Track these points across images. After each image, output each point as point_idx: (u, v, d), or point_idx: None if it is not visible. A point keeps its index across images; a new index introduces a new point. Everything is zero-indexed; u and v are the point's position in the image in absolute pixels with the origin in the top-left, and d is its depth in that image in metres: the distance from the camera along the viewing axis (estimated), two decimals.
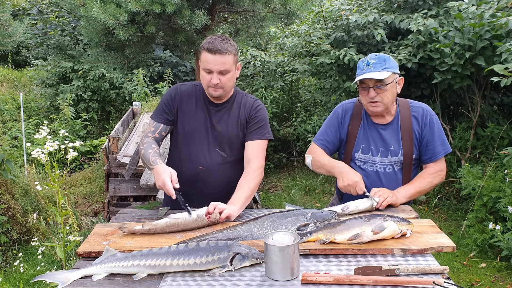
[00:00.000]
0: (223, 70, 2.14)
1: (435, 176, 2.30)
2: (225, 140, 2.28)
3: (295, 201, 5.42)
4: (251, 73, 6.87)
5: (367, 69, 2.19)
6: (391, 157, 2.29)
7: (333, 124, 2.41)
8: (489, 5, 4.12)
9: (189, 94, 2.31)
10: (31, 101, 8.87)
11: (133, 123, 6.45)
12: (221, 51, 2.10)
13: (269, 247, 1.55)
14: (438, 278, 1.52)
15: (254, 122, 2.28)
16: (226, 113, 2.29)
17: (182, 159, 2.32)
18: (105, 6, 4.09)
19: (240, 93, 2.35)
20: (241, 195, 2.10)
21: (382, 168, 2.31)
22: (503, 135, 4.52)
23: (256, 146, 2.25)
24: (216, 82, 2.14)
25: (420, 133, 2.28)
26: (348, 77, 5.37)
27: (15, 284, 3.50)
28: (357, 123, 2.35)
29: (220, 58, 2.11)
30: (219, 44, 2.11)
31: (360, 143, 2.34)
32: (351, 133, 2.35)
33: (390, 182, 2.29)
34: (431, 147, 2.28)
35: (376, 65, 2.17)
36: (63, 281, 1.58)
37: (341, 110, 2.40)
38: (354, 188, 2.17)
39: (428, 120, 2.28)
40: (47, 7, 10.56)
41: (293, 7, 4.64)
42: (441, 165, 2.32)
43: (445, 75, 4.46)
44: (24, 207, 4.17)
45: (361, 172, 2.32)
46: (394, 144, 2.29)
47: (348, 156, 2.38)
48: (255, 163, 2.21)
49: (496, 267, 3.74)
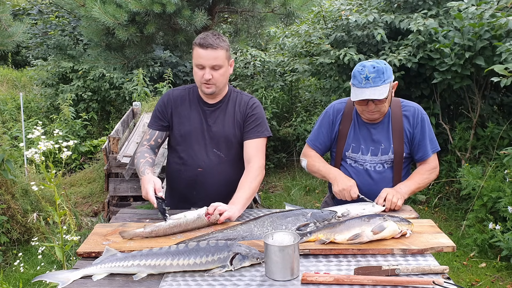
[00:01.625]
0: (216, 65, 2.13)
1: (431, 172, 2.34)
2: (222, 140, 2.27)
3: (295, 201, 5.42)
4: (251, 73, 6.88)
5: (366, 84, 2.14)
6: (381, 155, 2.31)
7: (324, 125, 2.42)
8: (489, 5, 4.12)
9: (182, 97, 2.30)
10: (31, 101, 8.87)
11: (133, 123, 6.45)
12: (213, 45, 2.10)
13: (269, 247, 1.55)
14: (438, 278, 1.52)
15: (251, 120, 2.27)
16: (222, 112, 2.28)
17: (180, 162, 2.32)
18: (105, 6, 4.09)
19: (234, 91, 2.33)
20: (242, 195, 2.10)
21: (372, 167, 2.33)
22: (503, 135, 4.52)
23: (255, 144, 2.25)
24: (208, 77, 2.12)
25: (411, 132, 2.30)
26: (348, 77, 5.36)
27: (15, 284, 3.50)
28: (348, 123, 2.36)
29: (212, 52, 2.10)
30: (211, 39, 2.11)
31: (350, 142, 2.35)
32: (341, 133, 2.37)
33: (380, 180, 2.31)
34: (422, 146, 2.31)
35: (375, 79, 2.13)
36: (63, 281, 1.58)
37: (332, 111, 2.41)
38: (348, 192, 2.21)
39: (420, 120, 2.30)
40: (47, 7, 10.56)
41: (293, 7, 4.63)
42: (435, 162, 2.35)
43: (445, 75, 4.46)
44: (24, 207, 4.17)
45: (352, 171, 2.35)
46: (384, 142, 2.30)
47: (339, 155, 2.40)
48: (256, 162, 2.20)
49: (496, 267, 3.74)
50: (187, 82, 8.71)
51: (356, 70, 2.19)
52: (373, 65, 2.16)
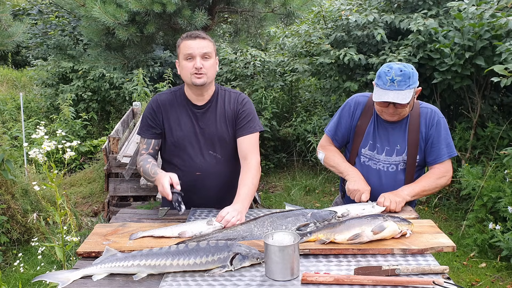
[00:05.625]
0: (206, 53, 2.13)
1: (441, 177, 2.29)
2: (216, 141, 2.26)
3: (295, 201, 5.41)
4: (251, 73, 6.87)
5: (390, 86, 2.10)
6: (396, 156, 2.29)
7: (344, 116, 2.38)
8: (489, 5, 4.12)
9: (170, 102, 2.27)
10: (31, 101, 8.86)
11: (133, 123, 6.45)
12: (201, 35, 2.14)
13: (269, 247, 1.55)
14: (438, 278, 1.52)
15: (243, 116, 2.25)
16: (212, 113, 2.26)
17: (176, 168, 2.28)
18: (105, 6, 4.09)
19: (222, 89, 2.31)
20: (245, 191, 2.09)
21: (385, 167, 2.31)
22: (503, 135, 4.52)
23: (249, 140, 2.23)
24: (199, 65, 2.11)
25: (426, 133, 2.27)
26: (348, 77, 5.37)
27: (15, 284, 3.50)
28: (367, 119, 2.32)
29: (201, 42, 2.13)
30: (197, 32, 2.15)
31: (368, 139, 2.33)
32: (359, 128, 2.34)
33: (390, 182, 2.29)
34: (435, 149, 2.27)
35: (400, 82, 2.10)
36: (63, 281, 1.58)
37: (354, 103, 2.37)
38: (360, 194, 2.21)
39: (435, 122, 2.27)
40: (47, 7, 10.55)
41: (293, 7, 4.63)
42: (447, 167, 2.30)
43: (445, 75, 4.46)
44: (24, 207, 4.16)
45: (364, 169, 2.33)
46: (400, 143, 2.28)
47: (355, 151, 2.37)
48: (253, 159, 2.20)
49: (496, 267, 3.74)
50: None
51: (382, 71, 2.15)
52: (401, 68, 2.12)
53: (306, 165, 6.45)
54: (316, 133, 5.91)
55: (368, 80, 5.00)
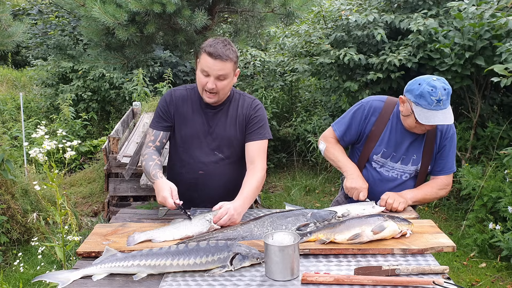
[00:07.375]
0: (221, 76, 2.09)
1: (442, 189, 2.31)
2: (223, 142, 2.26)
3: (295, 201, 5.41)
4: (251, 73, 6.87)
5: (436, 106, 2.02)
6: (411, 165, 2.27)
7: (356, 118, 2.31)
8: (489, 5, 4.12)
9: (183, 98, 2.27)
10: (31, 101, 8.86)
11: (133, 123, 6.45)
12: (222, 57, 2.06)
13: (269, 247, 1.55)
14: (438, 278, 1.52)
15: (254, 122, 2.25)
16: (224, 115, 2.26)
17: (181, 164, 2.30)
18: (105, 6, 4.09)
19: (237, 93, 2.31)
20: (249, 190, 2.09)
21: (398, 175, 2.30)
22: (503, 135, 4.52)
23: (257, 146, 2.23)
24: (211, 87, 2.09)
25: (440, 143, 2.26)
26: (348, 77, 5.37)
27: (15, 284, 3.50)
28: (383, 125, 2.26)
29: (220, 64, 2.06)
30: (221, 49, 2.06)
31: (382, 146, 2.27)
32: (373, 134, 2.27)
33: (401, 189, 2.28)
34: (444, 161, 2.28)
35: (446, 102, 2.04)
36: (63, 281, 1.58)
37: (368, 107, 2.29)
38: (358, 193, 2.20)
39: (450, 134, 2.26)
40: (47, 7, 10.54)
41: (293, 7, 4.63)
42: (449, 180, 2.33)
43: (445, 75, 4.45)
44: (24, 207, 4.16)
45: (376, 175, 2.31)
46: (417, 153, 2.26)
47: (365, 156, 2.33)
48: (259, 164, 2.19)
49: (496, 267, 3.74)
50: (187, 82, 8.71)
51: (425, 91, 2.03)
52: (444, 86, 2.04)
53: (306, 165, 6.45)
54: (316, 133, 5.91)
55: (368, 80, 5.01)
